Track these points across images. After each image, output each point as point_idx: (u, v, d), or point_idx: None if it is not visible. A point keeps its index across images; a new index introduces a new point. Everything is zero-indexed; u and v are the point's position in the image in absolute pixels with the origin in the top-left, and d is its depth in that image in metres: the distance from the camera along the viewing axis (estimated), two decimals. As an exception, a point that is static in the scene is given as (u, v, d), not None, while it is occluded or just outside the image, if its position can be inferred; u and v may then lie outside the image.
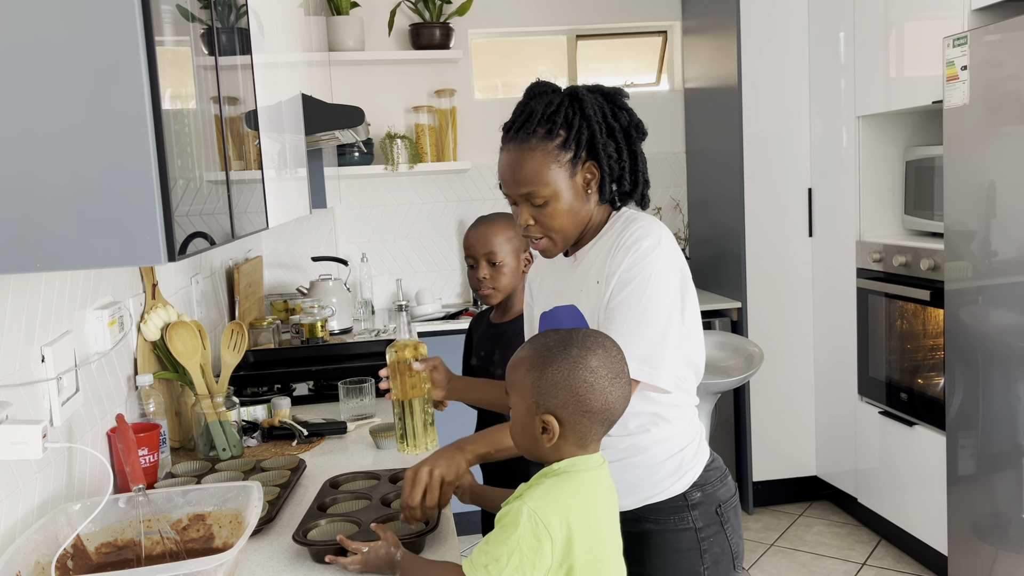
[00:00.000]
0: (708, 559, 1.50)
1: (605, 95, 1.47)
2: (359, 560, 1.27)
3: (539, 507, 1.13)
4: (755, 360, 2.94)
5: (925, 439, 3.00)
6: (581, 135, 1.42)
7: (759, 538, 3.51)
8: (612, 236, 1.48)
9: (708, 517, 1.51)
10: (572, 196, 1.45)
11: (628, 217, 1.50)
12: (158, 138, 0.97)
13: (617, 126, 1.46)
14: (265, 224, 1.67)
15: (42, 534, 1.23)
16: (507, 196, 1.49)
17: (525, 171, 1.42)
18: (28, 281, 1.37)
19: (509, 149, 1.45)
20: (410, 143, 3.82)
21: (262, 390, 2.44)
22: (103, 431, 1.65)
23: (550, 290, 1.60)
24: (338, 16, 3.71)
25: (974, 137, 2.55)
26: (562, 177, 1.43)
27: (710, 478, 1.53)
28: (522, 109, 1.46)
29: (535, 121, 1.42)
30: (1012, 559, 2.50)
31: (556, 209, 1.44)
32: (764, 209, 3.61)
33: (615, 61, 4.29)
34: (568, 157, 1.42)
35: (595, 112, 1.43)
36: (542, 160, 1.42)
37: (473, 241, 2.06)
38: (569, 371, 1.18)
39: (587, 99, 1.44)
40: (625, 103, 1.49)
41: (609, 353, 1.21)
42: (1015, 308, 2.43)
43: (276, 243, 3.93)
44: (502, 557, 1.11)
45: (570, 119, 1.42)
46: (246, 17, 1.66)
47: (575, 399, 1.18)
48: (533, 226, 1.46)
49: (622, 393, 1.21)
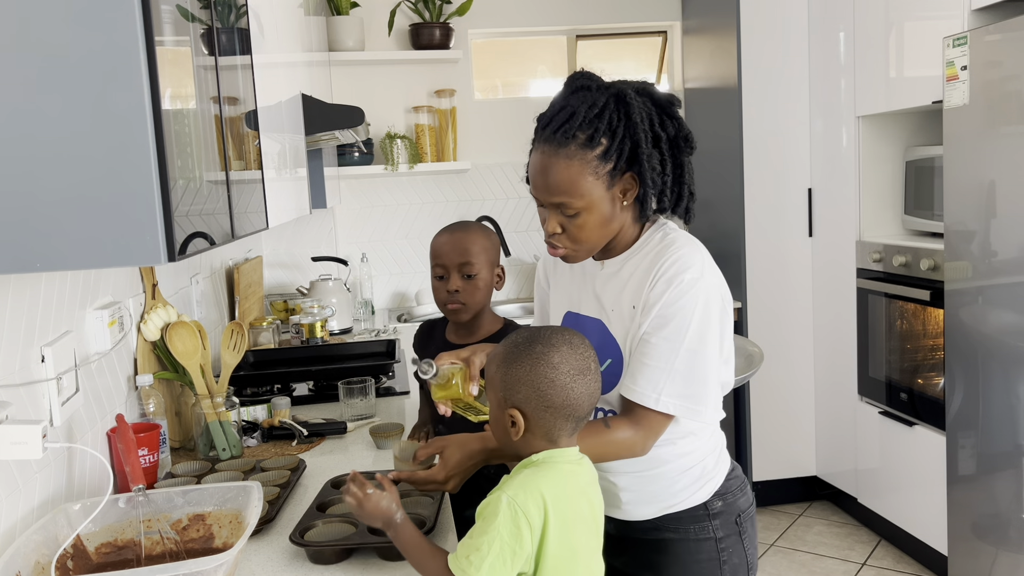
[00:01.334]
0: (727, 570, 1.48)
1: (655, 101, 1.37)
2: (359, 497, 1.25)
3: (517, 495, 1.15)
4: (755, 360, 2.94)
5: (925, 439, 3.00)
6: (624, 144, 1.32)
7: (759, 538, 3.50)
8: (649, 256, 1.39)
9: (728, 527, 1.49)
10: (607, 208, 1.35)
11: (667, 235, 1.42)
12: (158, 138, 0.97)
13: (664, 136, 1.35)
14: (265, 224, 1.67)
15: (42, 534, 1.23)
16: (536, 198, 1.39)
17: (561, 179, 1.32)
18: (28, 281, 1.37)
19: (544, 151, 1.34)
20: (410, 143, 3.82)
21: (262, 390, 2.44)
22: (103, 431, 1.65)
23: (572, 290, 1.53)
24: (338, 16, 3.71)
25: (974, 137, 2.55)
26: (599, 188, 1.33)
27: (731, 487, 1.51)
28: (563, 105, 1.34)
29: (576, 124, 1.31)
30: (1012, 559, 2.50)
31: (588, 220, 1.35)
32: (764, 209, 3.61)
33: (615, 61, 4.29)
34: (608, 168, 1.32)
35: (642, 119, 1.33)
36: (580, 170, 1.31)
37: (447, 248, 1.80)
38: (531, 367, 1.20)
39: (634, 103, 1.33)
40: (676, 112, 1.38)
41: (575, 350, 1.22)
42: (1015, 308, 2.43)
43: (276, 243, 3.93)
44: (483, 546, 1.13)
45: (614, 126, 1.32)
46: (246, 17, 1.66)
47: (537, 394, 1.20)
48: (560, 235, 1.38)
49: (586, 390, 1.22)
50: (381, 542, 1.36)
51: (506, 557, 1.12)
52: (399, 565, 1.35)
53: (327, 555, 1.36)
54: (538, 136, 1.37)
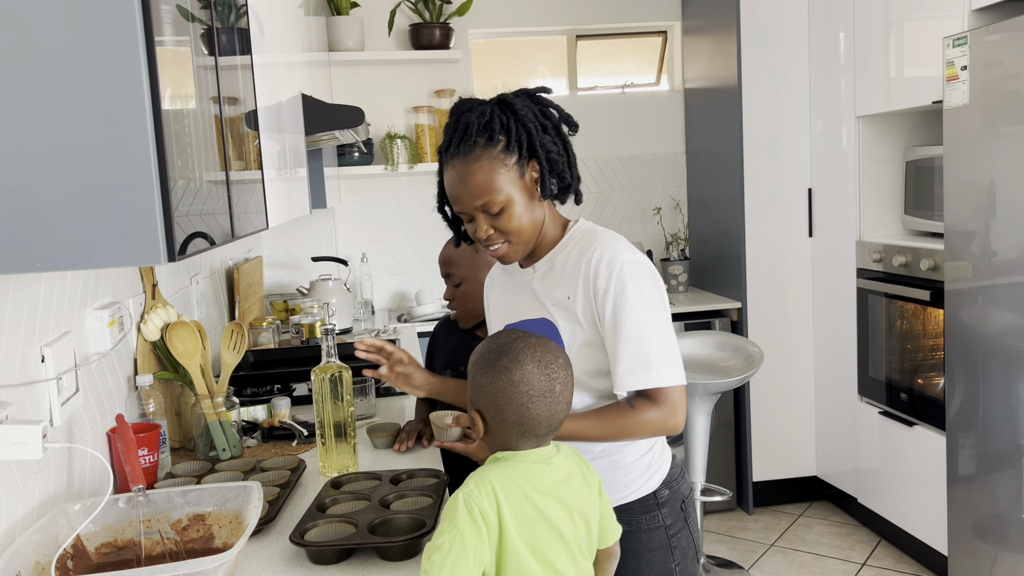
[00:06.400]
0: (678, 555, 1.55)
1: (530, 96, 1.49)
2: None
3: (471, 492, 1.19)
4: (755, 360, 2.94)
5: (925, 439, 3.00)
6: (521, 136, 1.44)
7: (759, 538, 3.51)
8: (577, 249, 1.50)
9: (675, 514, 1.56)
10: (526, 198, 1.46)
11: (588, 230, 1.53)
12: (158, 138, 0.97)
13: (549, 123, 1.48)
14: (265, 224, 1.67)
15: (42, 534, 1.23)
16: (461, 214, 1.49)
17: (477, 181, 1.43)
18: (28, 281, 1.37)
19: (454, 165, 1.45)
20: (410, 143, 3.82)
21: (262, 390, 2.44)
22: (103, 431, 1.65)
23: (509, 301, 1.61)
24: (338, 16, 3.71)
25: (974, 137, 2.55)
26: (513, 180, 1.44)
27: (674, 475, 1.59)
28: (455, 125, 1.46)
29: (473, 132, 1.43)
30: (1012, 559, 2.50)
31: (512, 213, 1.45)
32: (764, 209, 3.61)
33: (615, 61, 4.29)
34: (514, 160, 1.44)
35: (527, 112, 1.45)
36: (491, 167, 1.43)
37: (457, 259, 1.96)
38: (493, 379, 1.24)
39: (516, 103, 1.45)
40: (550, 100, 1.51)
41: (542, 370, 1.25)
42: (1015, 308, 2.43)
43: (276, 243, 3.93)
44: (443, 545, 1.15)
45: (506, 124, 1.44)
46: (246, 17, 1.66)
47: (494, 406, 1.24)
48: (494, 234, 1.47)
49: (545, 411, 1.25)
50: (381, 542, 1.37)
51: (468, 553, 1.15)
52: (399, 565, 1.35)
53: (327, 555, 1.36)
54: (444, 158, 1.49)
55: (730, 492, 3.25)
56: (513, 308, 1.58)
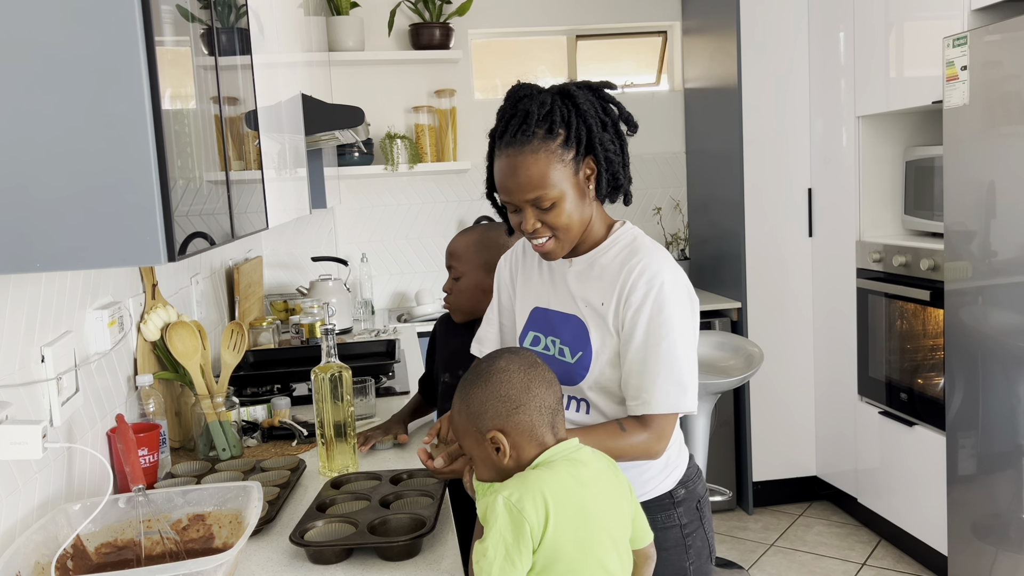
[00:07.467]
0: (692, 554, 1.54)
1: (593, 90, 1.45)
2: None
3: (512, 493, 1.17)
4: (755, 360, 2.94)
5: (925, 439, 3.00)
6: (581, 131, 1.39)
7: (759, 538, 3.51)
8: (620, 257, 1.46)
9: (691, 513, 1.55)
10: (577, 195, 1.42)
11: (635, 239, 1.49)
12: (158, 138, 0.97)
13: (609, 121, 1.43)
14: (265, 224, 1.67)
15: (42, 534, 1.23)
16: (508, 204, 1.44)
17: (532, 174, 1.38)
18: (28, 281, 1.37)
19: (508, 154, 1.39)
20: (410, 143, 3.82)
21: (262, 390, 2.44)
22: (103, 431, 1.65)
23: (542, 287, 1.56)
24: (338, 16, 3.71)
25: (974, 137, 2.55)
26: (568, 176, 1.39)
27: (691, 475, 1.57)
28: (512, 111, 1.41)
29: (533, 122, 1.37)
30: (1012, 559, 2.50)
31: (563, 210, 1.40)
32: (764, 209, 3.61)
33: (615, 61, 4.29)
34: (571, 155, 1.39)
35: (589, 107, 1.41)
36: (547, 161, 1.37)
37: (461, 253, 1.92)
38: (486, 384, 1.25)
39: (578, 95, 1.41)
40: (613, 96, 1.47)
41: (516, 354, 1.28)
42: (1015, 308, 2.43)
43: (276, 243, 3.93)
44: (489, 550, 1.15)
45: (567, 117, 1.39)
46: (246, 17, 1.66)
47: (503, 402, 1.23)
48: (541, 228, 1.42)
49: (543, 379, 1.26)
50: (381, 542, 1.37)
51: (513, 557, 1.14)
52: (399, 565, 1.35)
53: (327, 555, 1.36)
54: (498, 144, 1.43)
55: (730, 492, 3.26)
56: (544, 295, 1.54)
